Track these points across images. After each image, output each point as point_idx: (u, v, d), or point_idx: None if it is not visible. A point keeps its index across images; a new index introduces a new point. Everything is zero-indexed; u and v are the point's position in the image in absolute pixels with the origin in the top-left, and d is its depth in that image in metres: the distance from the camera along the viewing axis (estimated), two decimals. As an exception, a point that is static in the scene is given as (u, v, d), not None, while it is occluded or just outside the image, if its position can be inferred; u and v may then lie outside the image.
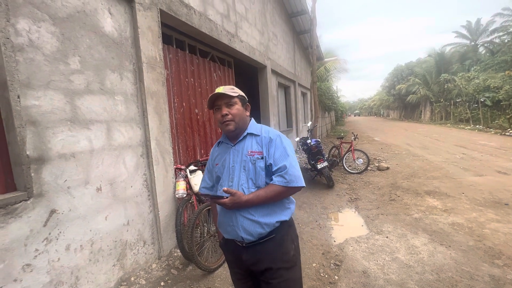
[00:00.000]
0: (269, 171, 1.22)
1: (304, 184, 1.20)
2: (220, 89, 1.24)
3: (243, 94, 1.33)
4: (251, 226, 1.19)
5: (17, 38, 1.62)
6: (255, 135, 1.28)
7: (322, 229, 3.37)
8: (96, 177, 2.09)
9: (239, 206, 1.17)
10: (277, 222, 1.21)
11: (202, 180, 1.46)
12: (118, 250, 2.25)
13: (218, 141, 1.43)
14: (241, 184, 1.21)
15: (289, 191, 1.19)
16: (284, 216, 1.24)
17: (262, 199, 1.17)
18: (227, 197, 1.15)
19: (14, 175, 1.67)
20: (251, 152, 1.23)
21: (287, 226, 1.26)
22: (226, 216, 1.25)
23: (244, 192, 1.19)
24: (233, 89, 1.28)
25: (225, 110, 1.23)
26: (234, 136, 1.30)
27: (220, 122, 1.26)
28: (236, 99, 1.26)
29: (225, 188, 1.15)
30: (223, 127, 1.26)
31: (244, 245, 1.23)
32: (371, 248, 2.81)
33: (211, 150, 1.45)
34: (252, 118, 1.37)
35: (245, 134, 1.29)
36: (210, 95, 1.26)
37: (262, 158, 1.21)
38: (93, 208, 2.05)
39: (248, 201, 1.16)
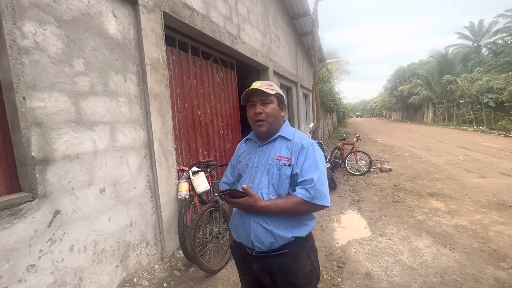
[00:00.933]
0: (294, 181, 1.11)
1: (329, 204, 1.09)
2: (257, 84, 1.15)
3: (281, 92, 1.22)
4: (264, 234, 1.10)
5: (23, 40, 1.64)
6: (287, 139, 1.18)
7: (324, 231, 3.36)
8: (100, 178, 2.10)
9: (254, 210, 1.09)
10: (293, 236, 1.11)
11: (224, 175, 1.39)
12: (121, 251, 2.26)
13: (246, 137, 1.34)
14: (261, 187, 1.13)
15: (311, 207, 1.09)
16: (301, 232, 1.14)
17: (280, 209, 1.07)
18: (244, 196, 1.07)
19: (19, 176, 1.68)
20: (279, 156, 1.14)
21: (303, 241, 1.16)
22: (241, 219, 1.17)
23: (263, 197, 1.11)
24: (271, 85, 1.18)
25: (259, 108, 1.15)
26: (265, 136, 1.21)
27: (253, 120, 1.18)
28: (273, 98, 1.17)
29: (244, 186, 1.07)
30: (254, 126, 1.18)
31: (254, 254, 1.15)
32: (374, 250, 2.79)
33: (238, 145, 1.38)
34: (287, 120, 1.28)
35: (276, 136, 1.19)
36: (246, 90, 1.16)
37: (289, 165, 1.11)
38: (97, 209, 2.06)
39: (264, 207, 1.07)
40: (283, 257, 1.11)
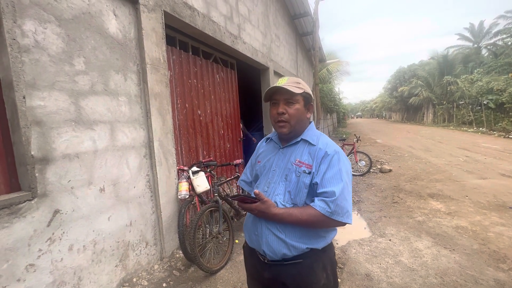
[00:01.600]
0: (313, 191, 1.02)
1: (351, 222, 0.99)
2: (283, 81, 1.06)
3: (309, 91, 1.11)
4: (276, 243, 1.03)
5: (23, 39, 1.63)
6: (310, 143, 1.08)
7: (324, 231, 3.36)
8: (100, 178, 2.09)
9: (266, 217, 1.02)
10: (307, 248, 1.04)
11: (243, 173, 1.32)
12: (120, 250, 2.25)
13: (267, 136, 1.26)
14: (277, 193, 1.07)
15: (330, 223, 0.99)
16: (317, 244, 1.05)
17: (293, 220, 0.99)
18: (256, 202, 1.00)
19: (18, 175, 1.68)
20: (299, 162, 1.05)
21: (320, 252, 1.07)
22: (253, 224, 1.11)
23: (277, 204, 1.04)
24: (299, 83, 1.08)
25: (282, 108, 1.05)
26: (287, 138, 1.13)
27: (274, 120, 1.09)
28: (299, 97, 1.06)
29: (257, 191, 1.00)
30: (276, 127, 1.10)
31: (266, 261, 1.09)
32: (374, 251, 2.79)
33: (258, 144, 1.30)
34: (312, 122, 1.17)
35: (298, 139, 1.10)
36: (270, 87, 1.08)
37: (309, 173, 1.02)
38: (96, 208, 2.06)
39: (277, 215, 0.99)
40: (296, 268, 1.04)
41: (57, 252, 1.77)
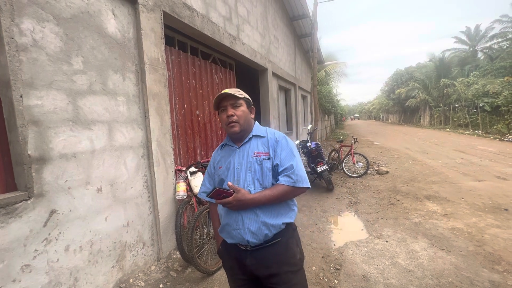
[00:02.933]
0: (276, 172, 1.21)
1: (309, 185, 1.21)
2: (226, 90, 1.25)
3: (248, 97, 1.33)
4: (257, 227, 1.17)
5: (21, 38, 1.62)
6: (261, 136, 1.28)
7: (321, 232, 3.37)
8: (97, 178, 2.08)
9: (244, 204, 1.14)
10: (283, 223, 1.20)
11: (202, 185, 1.43)
12: (117, 251, 2.24)
13: (221, 144, 1.41)
14: (247, 185, 1.20)
15: (296, 191, 1.19)
16: (289, 218, 1.24)
17: (268, 198, 1.15)
18: (231, 194, 1.12)
19: (15, 174, 1.67)
20: (257, 153, 1.23)
21: (291, 229, 1.26)
22: (231, 219, 1.21)
23: (251, 192, 1.18)
24: (239, 91, 1.29)
25: (230, 111, 1.24)
26: (239, 138, 1.30)
27: (226, 123, 1.26)
28: (242, 101, 1.27)
29: (230, 183, 1.13)
30: (228, 128, 1.26)
31: (248, 248, 1.20)
32: (371, 252, 2.80)
33: (213, 153, 1.44)
34: (257, 121, 1.38)
35: (250, 136, 1.29)
36: (216, 95, 1.26)
37: (269, 158, 1.21)
38: (93, 208, 2.04)
39: (254, 199, 1.14)
40: (275, 247, 1.19)
41: (53, 252, 1.76)
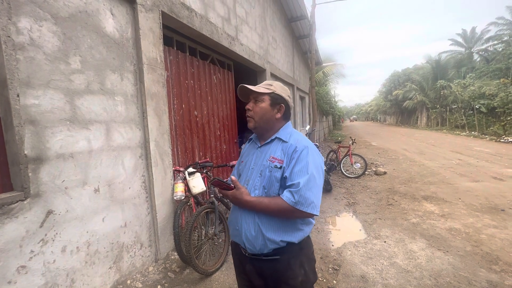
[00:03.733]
0: (285, 184, 1.07)
1: (317, 213, 1.03)
2: (250, 87, 1.18)
3: (280, 93, 1.18)
4: (253, 236, 1.09)
5: (18, 36, 1.61)
6: (283, 141, 1.14)
7: (320, 233, 3.37)
8: (94, 178, 2.06)
9: (239, 204, 1.10)
10: (282, 241, 1.07)
11: (232, 174, 1.40)
12: (114, 252, 2.22)
13: (250, 137, 1.34)
14: (254, 188, 1.13)
15: (295, 213, 1.02)
16: (293, 238, 1.08)
17: (263, 207, 1.06)
18: (232, 188, 1.10)
19: (11, 174, 1.65)
20: (273, 158, 1.11)
21: (297, 249, 1.11)
22: (233, 216, 1.18)
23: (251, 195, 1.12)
24: (270, 85, 1.18)
25: (249, 105, 1.18)
26: (261, 135, 1.23)
27: (246, 115, 1.21)
28: (266, 97, 1.16)
29: (233, 178, 1.11)
30: (247, 120, 1.22)
31: (247, 254, 1.15)
32: (369, 253, 2.80)
33: (244, 145, 1.41)
34: (289, 122, 1.24)
35: (273, 137, 1.17)
36: (238, 87, 1.21)
37: (280, 168, 1.08)
38: (91, 209, 2.02)
39: (249, 202, 1.07)
40: (273, 263, 1.09)
41: (50, 253, 1.74)
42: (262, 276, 1.13)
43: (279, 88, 1.19)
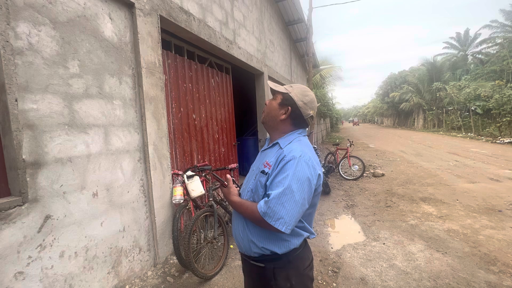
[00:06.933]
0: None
1: (286, 231, 0.95)
2: (270, 84, 1.21)
3: (293, 96, 1.11)
4: (241, 237, 1.13)
5: (17, 41, 1.61)
6: (280, 147, 1.10)
7: (319, 235, 3.36)
8: (93, 182, 2.05)
9: (228, 202, 1.17)
10: (264, 248, 1.05)
11: None
12: (113, 257, 2.20)
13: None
14: (247, 190, 1.14)
15: (263, 223, 0.99)
16: (276, 248, 1.04)
17: (242, 211, 1.08)
18: (225, 185, 1.17)
19: (8, 179, 1.64)
20: (267, 163, 1.08)
21: (284, 261, 1.06)
22: (234, 213, 1.20)
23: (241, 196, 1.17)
24: (291, 87, 1.15)
25: (267, 100, 1.21)
26: (270, 136, 1.22)
27: None
28: (279, 96, 1.15)
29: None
30: None
31: (242, 253, 1.19)
32: (368, 255, 2.81)
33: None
34: (298, 131, 1.15)
35: (275, 142, 1.14)
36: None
37: (266, 174, 1.05)
38: (89, 214, 2.01)
39: (233, 203, 1.13)
40: (260, 269, 1.09)
41: (48, 259, 1.72)
42: (251, 277, 1.18)
43: (296, 91, 1.13)
